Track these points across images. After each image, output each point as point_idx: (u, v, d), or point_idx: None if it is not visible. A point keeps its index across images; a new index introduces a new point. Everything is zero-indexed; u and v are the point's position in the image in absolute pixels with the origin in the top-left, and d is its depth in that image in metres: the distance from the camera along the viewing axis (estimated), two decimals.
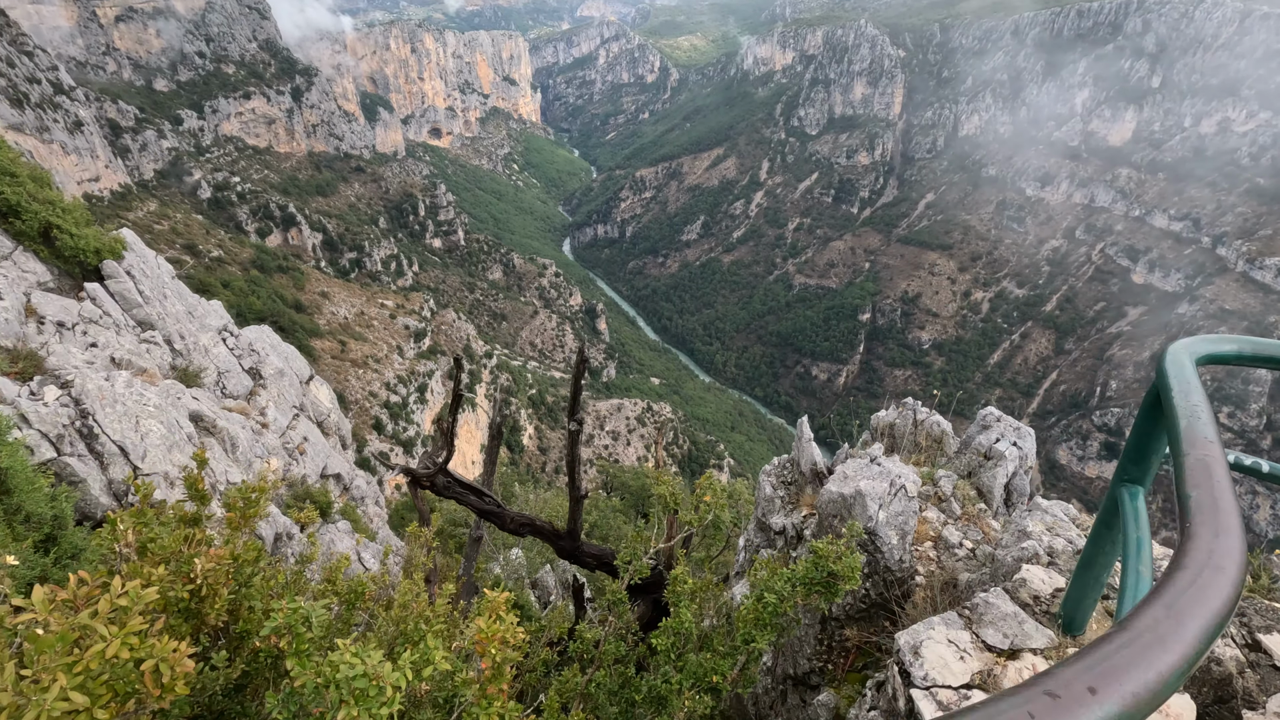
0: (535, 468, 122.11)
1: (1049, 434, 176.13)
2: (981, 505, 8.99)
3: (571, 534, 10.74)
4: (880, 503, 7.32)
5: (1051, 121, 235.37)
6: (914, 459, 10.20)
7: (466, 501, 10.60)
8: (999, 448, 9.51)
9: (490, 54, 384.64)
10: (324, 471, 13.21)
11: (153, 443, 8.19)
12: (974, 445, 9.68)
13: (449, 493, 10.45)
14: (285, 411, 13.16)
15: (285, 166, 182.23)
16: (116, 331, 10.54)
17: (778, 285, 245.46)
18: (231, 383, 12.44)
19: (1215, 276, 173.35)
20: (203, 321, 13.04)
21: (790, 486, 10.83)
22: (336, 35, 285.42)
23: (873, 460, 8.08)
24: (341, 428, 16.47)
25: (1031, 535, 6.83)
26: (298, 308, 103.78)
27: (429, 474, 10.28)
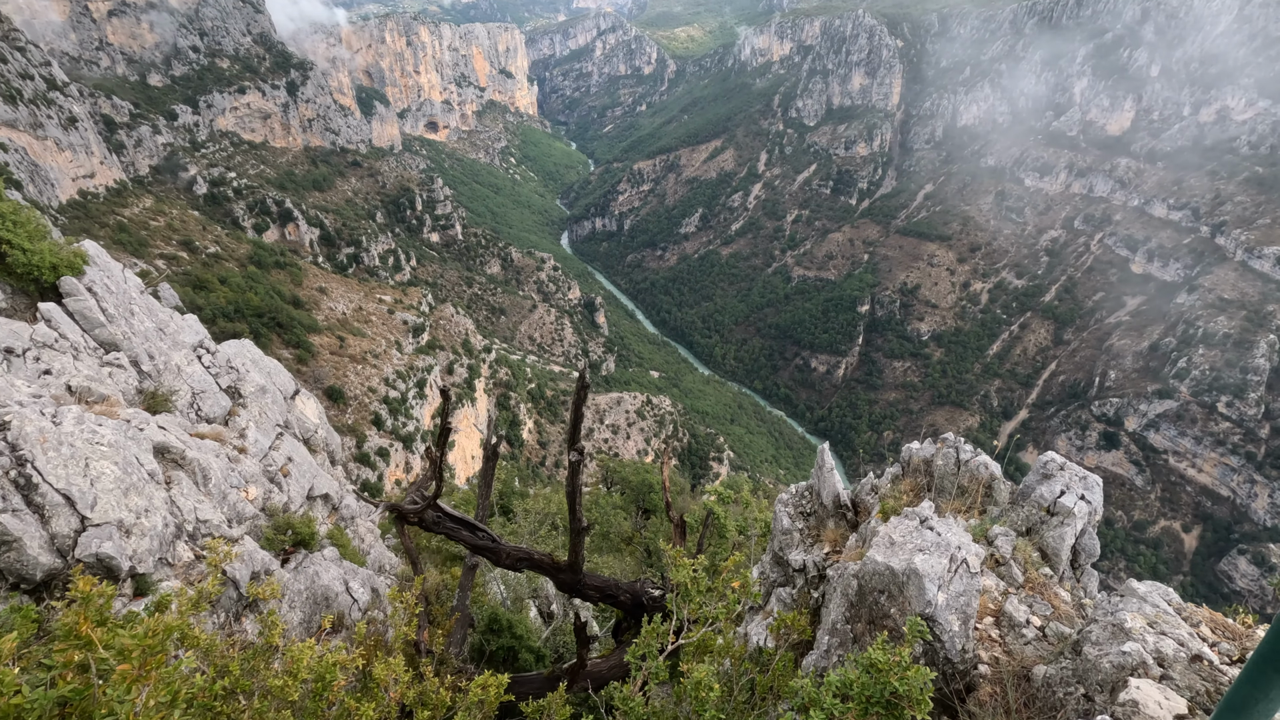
0: (535, 462, 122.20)
1: (1048, 424, 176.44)
2: (1046, 570, 7.94)
3: (573, 567, 10.28)
4: (939, 583, 6.25)
5: (1050, 111, 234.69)
6: (956, 505, 9.30)
7: (459, 537, 10.11)
8: (1065, 503, 8.34)
9: (486, 47, 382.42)
10: (310, 493, 12.52)
11: (104, 487, 7.49)
12: (1034, 497, 8.57)
13: (439, 528, 9.95)
14: (268, 431, 12.27)
15: (281, 161, 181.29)
16: (74, 356, 9.80)
17: (776, 277, 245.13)
18: (207, 404, 11.63)
19: (1214, 266, 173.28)
20: (176, 339, 12.13)
21: (809, 519, 10.05)
22: (331, 28, 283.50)
23: (923, 523, 7.08)
24: (330, 443, 15.83)
25: (1132, 634, 5.66)
26: (295, 303, 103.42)
27: (417, 509, 9.75)
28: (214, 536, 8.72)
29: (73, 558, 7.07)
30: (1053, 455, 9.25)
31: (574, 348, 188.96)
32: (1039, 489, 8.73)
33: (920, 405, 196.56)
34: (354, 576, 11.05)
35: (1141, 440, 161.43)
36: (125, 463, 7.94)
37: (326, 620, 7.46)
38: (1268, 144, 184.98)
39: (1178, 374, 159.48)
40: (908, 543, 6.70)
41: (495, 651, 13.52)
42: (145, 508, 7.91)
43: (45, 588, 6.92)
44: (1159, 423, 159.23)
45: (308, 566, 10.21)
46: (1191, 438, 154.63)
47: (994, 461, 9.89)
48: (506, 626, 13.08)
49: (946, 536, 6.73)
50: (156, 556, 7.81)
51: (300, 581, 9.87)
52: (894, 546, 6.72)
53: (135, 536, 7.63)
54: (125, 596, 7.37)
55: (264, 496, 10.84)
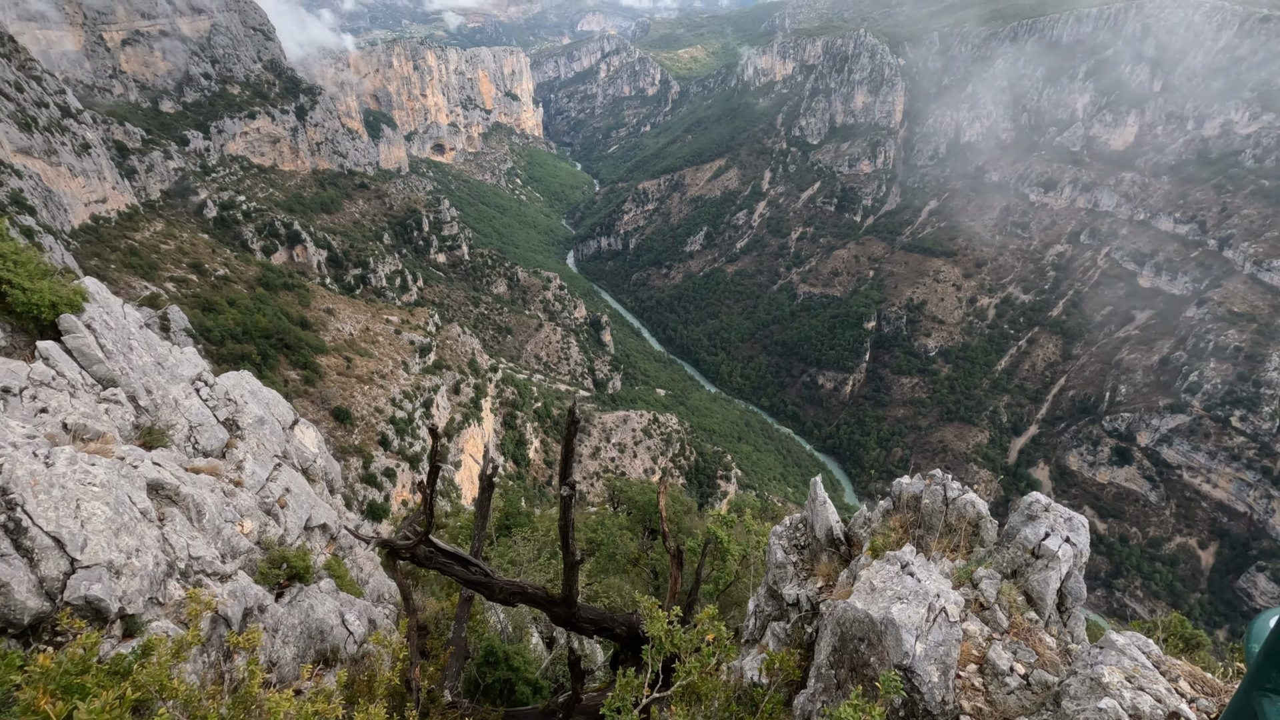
0: (541, 482, 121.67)
1: (1059, 440, 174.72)
2: (1031, 614, 7.75)
3: (567, 600, 10.12)
4: (917, 633, 6.12)
5: (1053, 127, 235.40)
6: (945, 544, 9.14)
7: (451, 572, 9.95)
8: (1049, 545, 8.15)
9: (492, 70, 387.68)
10: (308, 523, 12.39)
11: (95, 528, 7.46)
12: (1019, 539, 8.40)
13: (431, 563, 9.80)
14: (265, 463, 12.26)
15: (290, 184, 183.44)
16: (71, 393, 9.82)
17: (782, 294, 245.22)
18: (205, 437, 11.63)
19: (1223, 279, 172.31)
20: (174, 372, 12.16)
21: (804, 551, 9.87)
22: (339, 54, 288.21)
23: (904, 568, 6.96)
24: (329, 471, 15.73)
25: (1109, 689, 5.61)
26: (303, 325, 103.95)
27: (409, 545, 9.58)
28: (207, 573, 8.64)
29: (61, 600, 6.97)
30: (1037, 496, 9.09)
31: (580, 366, 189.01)
32: (1023, 531, 8.54)
33: (929, 421, 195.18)
34: (350, 608, 10.91)
35: (1154, 455, 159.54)
36: (117, 502, 7.90)
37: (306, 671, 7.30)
38: (1273, 157, 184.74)
39: (1189, 388, 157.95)
40: (888, 589, 6.60)
41: (491, 684, 13.24)
42: (136, 547, 7.84)
43: (33, 631, 6.85)
44: (1171, 438, 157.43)
45: (302, 600, 10.05)
46: (1205, 453, 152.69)
47: (980, 500, 9.65)
48: (503, 658, 12.79)
49: (926, 584, 6.61)
50: (147, 596, 7.73)
51: (294, 615, 9.74)
52: (874, 593, 6.62)
53: (125, 577, 7.56)
54: (115, 638, 7.27)
55: (260, 529, 10.73)
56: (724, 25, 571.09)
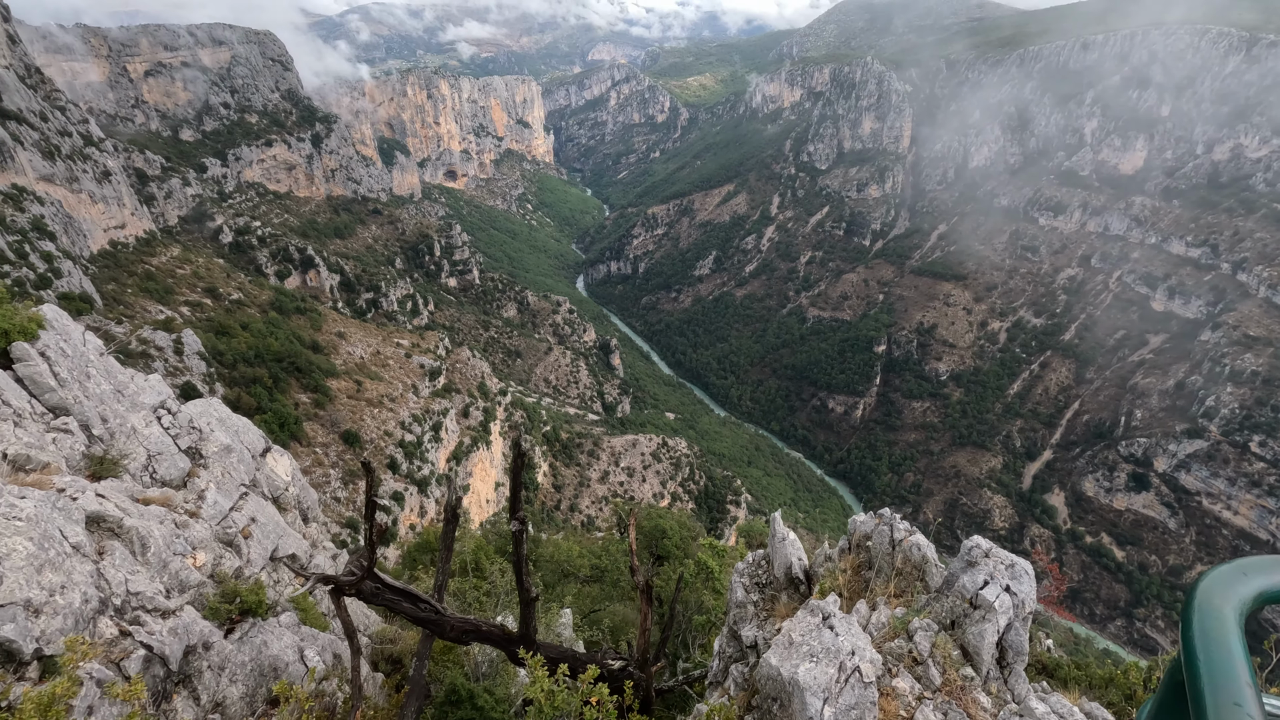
0: (550, 506, 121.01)
1: (1074, 465, 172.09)
2: (968, 670, 7.23)
3: (525, 639, 9.68)
4: (825, 696, 5.73)
5: (1061, 152, 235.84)
6: (892, 588, 8.57)
7: (399, 609, 9.43)
8: (986, 595, 7.50)
9: (504, 98, 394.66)
10: (275, 554, 11.96)
11: (13, 565, 7.08)
12: (958, 587, 7.81)
13: (378, 600, 9.28)
14: (230, 492, 11.87)
15: (304, 210, 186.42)
16: (16, 422, 9.52)
17: (791, 318, 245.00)
18: (164, 466, 11.25)
19: (1238, 302, 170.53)
20: (135, 400, 11.82)
21: (765, 590, 9.40)
22: (355, 83, 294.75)
23: (825, 620, 6.52)
24: (304, 499, 15.25)
25: None
26: (315, 348, 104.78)
27: (353, 581, 8.97)
28: (146, 609, 8.27)
29: None
30: (978, 541, 8.39)
31: (589, 390, 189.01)
32: (962, 578, 7.93)
33: (941, 446, 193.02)
34: (312, 643, 10.53)
35: (1172, 481, 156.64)
36: (44, 537, 7.60)
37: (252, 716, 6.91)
38: None
39: (1206, 413, 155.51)
40: (804, 644, 6.28)
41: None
42: (61, 584, 7.48)
43: None
44: (1189, 463, 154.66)
45: (254, 636, 9.64)
46: (1225, 479, 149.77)
47: (928, 543, 9.10)
48: (467, 697, 11.97)
49: (842, 639, 6.22)
50: (70, 636, 7.39)
51: (245, 652, 9.31)
52: (791, 648, 6.31)
53: (46, 616, 7.20)
54: (30, 680, 6.93)
55: (214, 562, 10.32)
56: (732, 54, 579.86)
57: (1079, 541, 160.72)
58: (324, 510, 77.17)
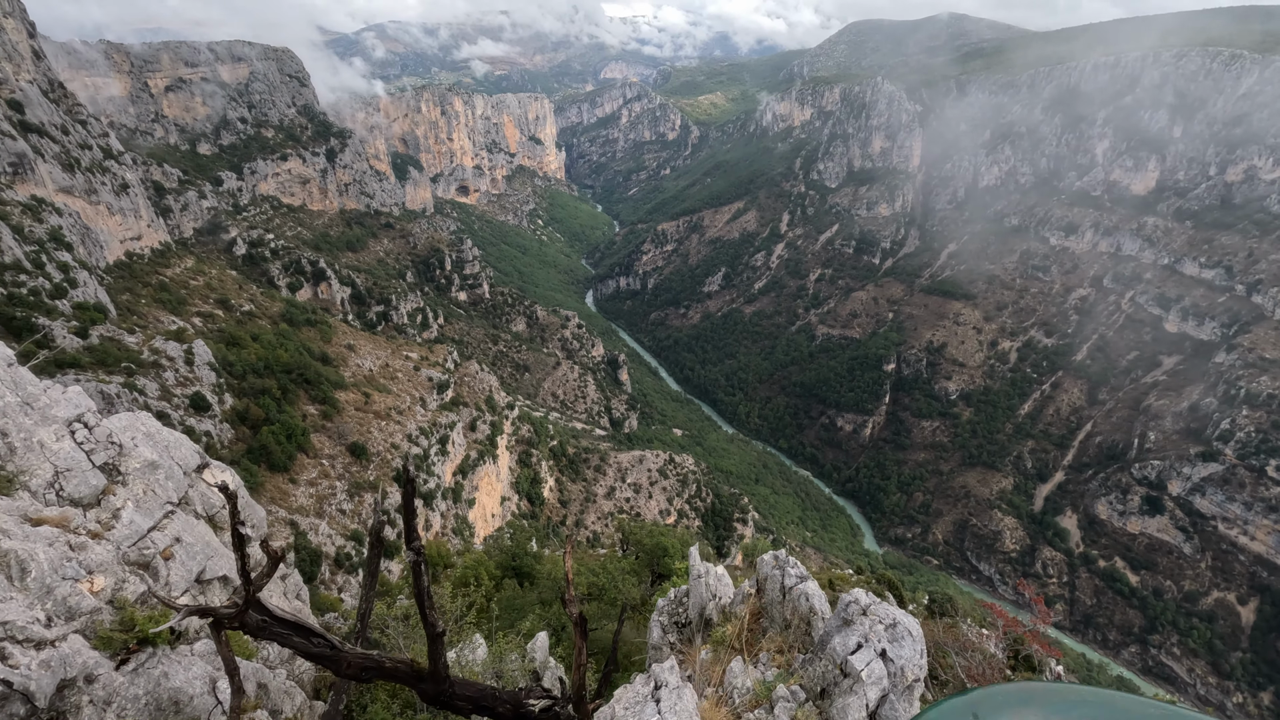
0: (556, 521, 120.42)
1: (1086, 487, 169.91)
2: None
3: (434, 676, 8.79)
4: None
5: (1073, 172, 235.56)
6: (779, 641, 7.74)
7: (290, 644, 8.59)
8: (856, 661, 6.49)
9: (517, 115, 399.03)
10: (202, 575, 10.82)
11: None
12: (830, 650, 6.79)
13: (265, 634, 8.46)
14: (153, 511, 10.98)
15: (318, 223, 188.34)
16: None
17: (800, 336, 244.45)
18: (72, 483, 10.34)
19: (1252, 325, 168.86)
20: (45, 413, 10.95)
21: (683, 631, 8.64)
22: (370, 99, 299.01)
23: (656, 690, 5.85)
24: (249, 518, 14.21)
25: None
26: (324, 360, 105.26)
27: (232, 613, 8.00)
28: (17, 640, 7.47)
29: None
30: (857, 595, 7.29)
31: (597, 405, 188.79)
32: (834, 639, 6.88)
33: (950, 466, 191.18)
34: (242, 669, 9.46)
35: (1187, 505, 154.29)
36: None
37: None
38: None
39: (1221, 436, 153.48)
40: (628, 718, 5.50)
41: None
42: None
43: None
44: (1204, 487, 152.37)
45: (153, 667, 8.73)
46: (1241, 503, 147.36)
47: (817, 591, 8.12)
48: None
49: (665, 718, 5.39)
50: None
51: (139, 685, 8.49)
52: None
53: None
54: None
55: (116, 586, 9.39)
56: (743, 73, 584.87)
57: (1092, 565, 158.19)
58: (329, 523, 77.05)
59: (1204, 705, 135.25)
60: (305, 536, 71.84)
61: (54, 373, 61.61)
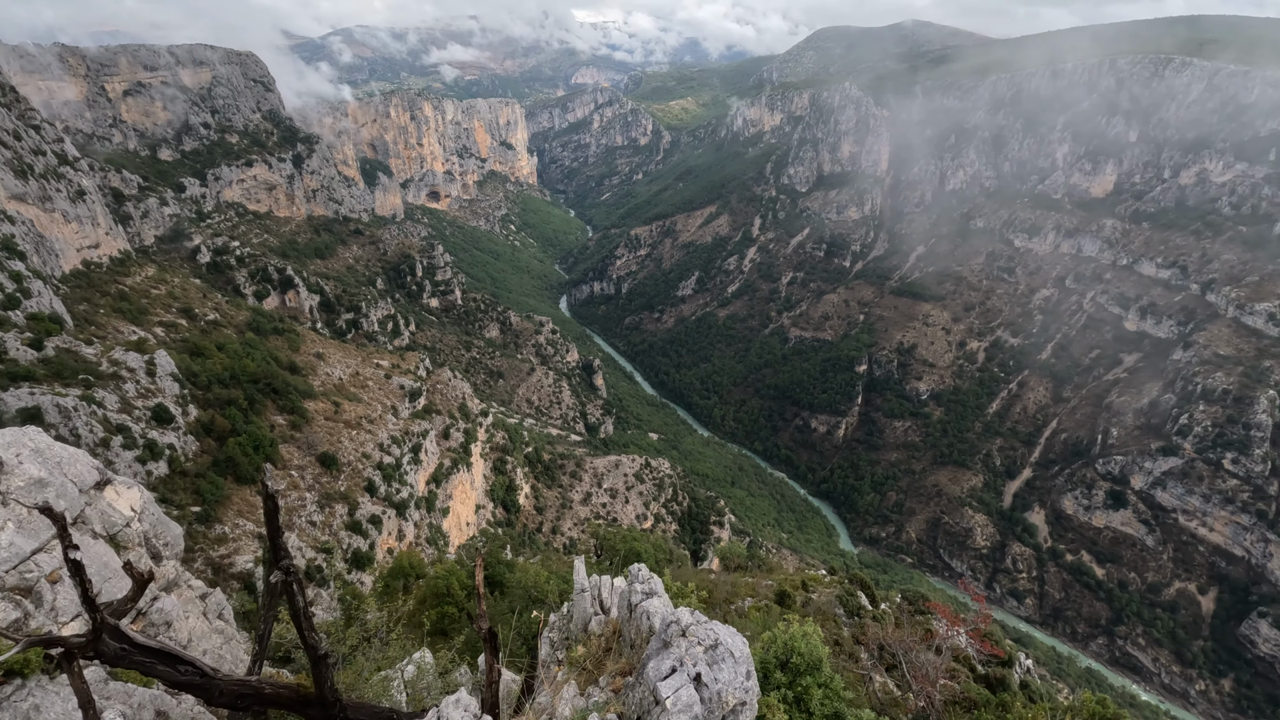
0: (531, 528, 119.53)
1: (1053, 483, 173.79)
2: None
3: (321, 701, 8.09)
4: None
5: (1034, 175, 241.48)
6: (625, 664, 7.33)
7: (154, 673, 7.73)
8: (664, 688, 6.02)
9: (487, 120, 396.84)
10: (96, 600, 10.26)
11: None
12: (646, 676, 6.30)
13: (124, 662, 7.60)
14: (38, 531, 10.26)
15: (284, 230, 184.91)
16: None
17: (773, 338, 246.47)
18: None
19: (1207, 322, 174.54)
20: None
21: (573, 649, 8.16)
22: (338, 104, 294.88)
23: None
24: (158, 535, 13.10)
25: None
26: (292, 369, 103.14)
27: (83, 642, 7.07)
28: None
29: None
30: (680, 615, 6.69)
31: (572, 410, 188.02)
32: (651, 663, 6.34)
33: (923, 465, 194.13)
34: (123, 700, 8.97)
35: (1149, 499, 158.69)
36: None
37: None
38: (1248, 204, 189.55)
39: (1180, 431, 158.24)
40: None
41: None
42: None
43: None
44: (1165, 480, 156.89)
45: (20, 700, 8.09)
46: (1200, 495, 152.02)
47: (661, 609, 7.48)
48: None
49: None
50: None
51: None
52: None
53: None
54: None
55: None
56: (713, 78, 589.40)
57: (1060, 560, 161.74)
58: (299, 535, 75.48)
59: (1170, 694, 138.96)
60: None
61: (6, 386, 59.52)
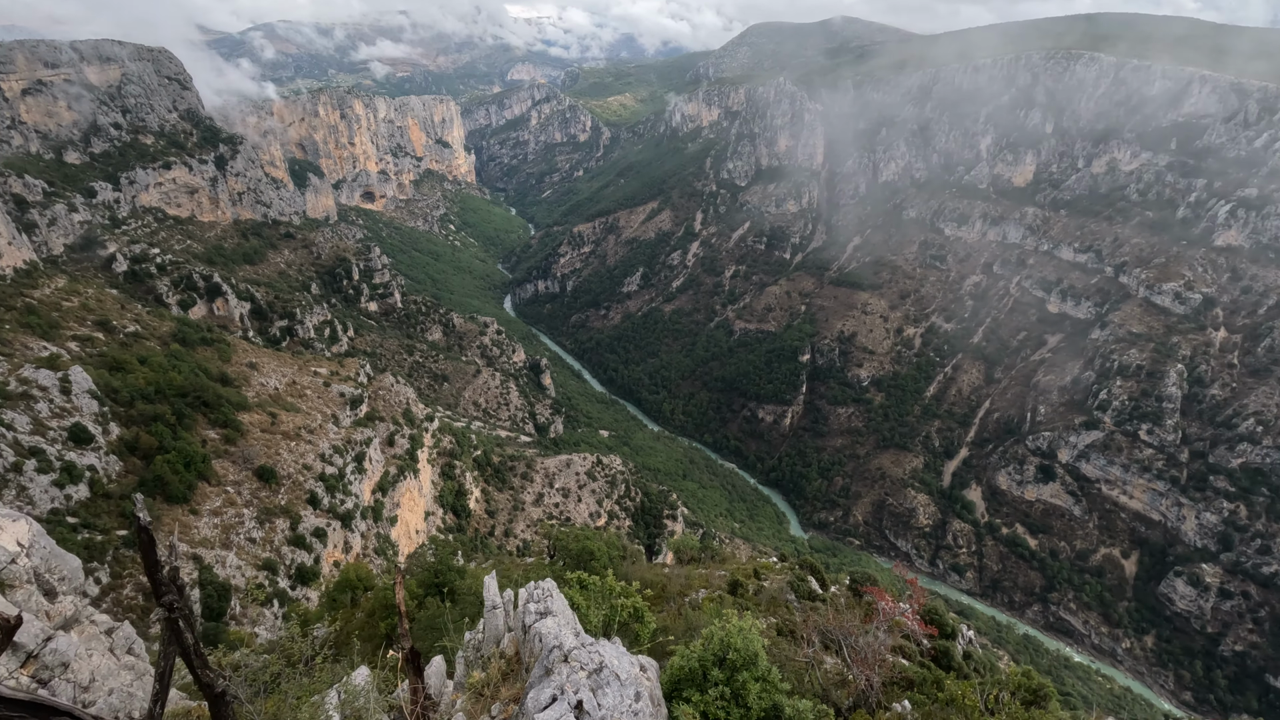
0: (484, 532, 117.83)
1: (988, 461, 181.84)
2: None
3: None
4: None
5: (961, 166, 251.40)
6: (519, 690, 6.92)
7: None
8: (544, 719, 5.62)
9: (422, 118, 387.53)
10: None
11: None
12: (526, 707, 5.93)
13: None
14: None
15: (209, 236, 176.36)
16: None
17: (719, 331, 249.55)
18: None
19: (1121, 303, 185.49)
20: None
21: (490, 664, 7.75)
22: (262, 102, 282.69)
23: None
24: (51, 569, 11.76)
25: None
26: (224, 381, 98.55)
27: None
28: None
29: None
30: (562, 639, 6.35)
31: (520, 411, 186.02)
32: (531, 693, 5.99)
33: (866, 449, 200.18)
34: None
35: (1075, 471, 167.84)
36: None
37: None
38: (1154, 191, 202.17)
39: (1100, 405, 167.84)
40: None
41: None
42: None
43: None
44: (1089, 453, 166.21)
45: None
46: (1120, 466, 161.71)
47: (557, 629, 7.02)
48: None
49: None
50: None
51: None
52: None
53: None
54: None
55: None
56: (650, 74, 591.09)
57: (996, 533, 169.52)
58: (238, 553, 72.36)
59: (1100, 654, 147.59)
60: (211, 571, 67.10)
61: None
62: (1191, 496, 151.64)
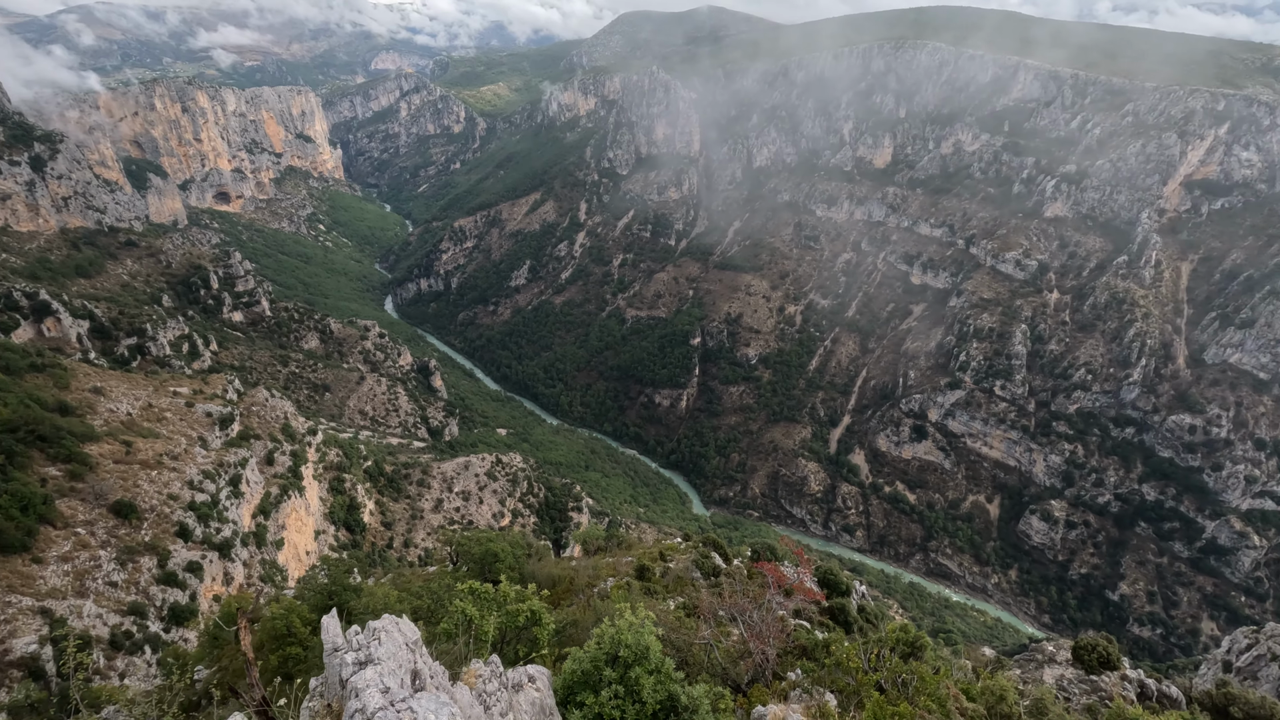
0: (381, 545, 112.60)
1: (868, 426, 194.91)
2: None
3: None
4: None
5: (828, 150, 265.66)
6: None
7: None
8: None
9: (278, 110, 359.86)
10: None
11: None
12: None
13: None
14: None
15: (31, 247, 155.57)
16: None
17: (611, 320, 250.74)
18: None
19: (972, 272, 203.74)
20: None
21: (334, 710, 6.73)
22: (84, 95, 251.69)
23: None
24: None
25: None
26: (63, 410, 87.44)
27: None
28: None
29: None
30: (365, 701, 5.75)
31: (411, 416, 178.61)
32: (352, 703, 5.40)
33: (759, 425, 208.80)
34: None
35: (943, 428, 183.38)
36: None
37: None
38: (993, 169, 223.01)
39: (960, 366, 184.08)
40: None
41: None
42: None
43: None
44: (954, 411, 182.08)
45: None
46: (980, 420, 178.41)
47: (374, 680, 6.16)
48: None
49: None
50: None
51: None
52: None
53: None
54: None
55: None
56: (523, 63, 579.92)
57: (880, 492, 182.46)
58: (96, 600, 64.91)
59: (974, 591, 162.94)
60: (65, 624, 59.71)
61: None
62: (1039, 442, 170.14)
